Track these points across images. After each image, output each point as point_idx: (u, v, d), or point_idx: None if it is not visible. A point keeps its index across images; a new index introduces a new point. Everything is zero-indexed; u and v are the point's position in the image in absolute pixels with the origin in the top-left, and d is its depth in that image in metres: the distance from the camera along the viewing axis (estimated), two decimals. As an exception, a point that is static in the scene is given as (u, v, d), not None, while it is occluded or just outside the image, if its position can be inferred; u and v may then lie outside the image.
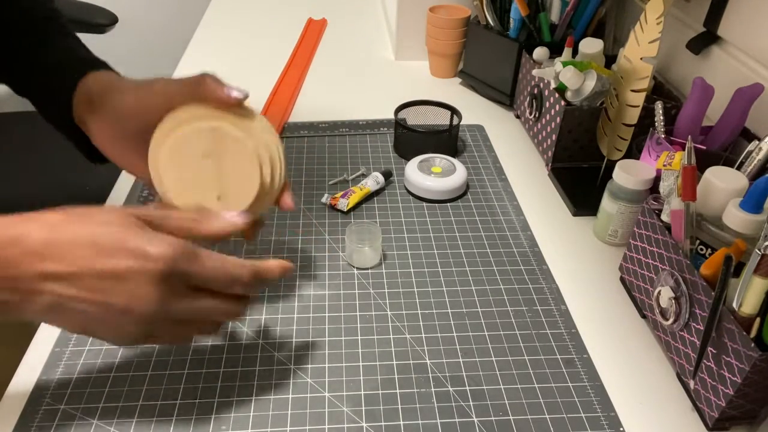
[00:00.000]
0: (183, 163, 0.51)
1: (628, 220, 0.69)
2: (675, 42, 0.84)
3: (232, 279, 0.45)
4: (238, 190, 0.52)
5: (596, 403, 0.54)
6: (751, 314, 0.47)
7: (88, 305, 0.41)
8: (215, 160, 0.51)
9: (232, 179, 0.52)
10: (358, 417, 0.52)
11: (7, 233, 0.40)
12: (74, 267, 0.40)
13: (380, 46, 1.22)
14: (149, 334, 0.44)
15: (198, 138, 0.50)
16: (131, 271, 0.41)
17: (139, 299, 0.41)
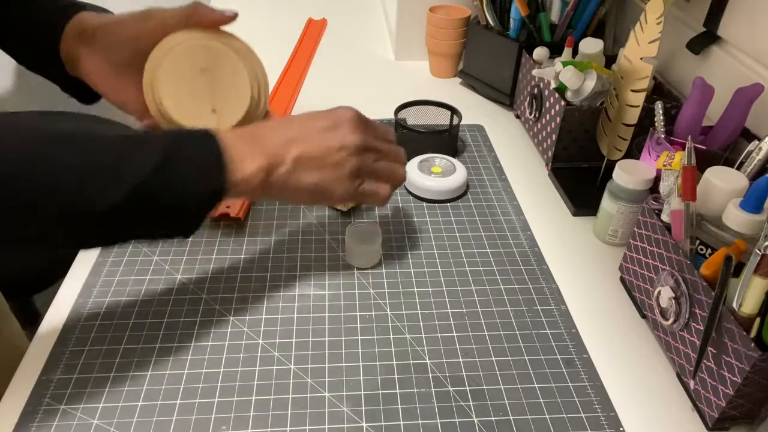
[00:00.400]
0: (180, 78, 0.56)
1: (628, 220, 0.69)
2: (675, 42, 0.84)
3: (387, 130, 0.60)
4: (230, 104, 0.57)
5: (596, 403, 0.54)
6: (751, 314, 0.47)
7: (318, 151, 0.53)
8: (210, 75, 0.57)
9: (226, 93, 0.57)
10: (358, 417, 0.52)
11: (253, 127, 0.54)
12: (304, 130, 0.54)
13: (380, 46, 1.22)
14: (360, 168, 0.55)
15: (195, 54, 0.56)
16: (338, 122, 0.55)
17: (347, 136, 0.54)
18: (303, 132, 0.54)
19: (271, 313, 0.62)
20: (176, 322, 0.60)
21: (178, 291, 0.64)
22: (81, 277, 0.65)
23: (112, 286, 0.64)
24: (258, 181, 0.51)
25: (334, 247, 0.70)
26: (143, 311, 0.61)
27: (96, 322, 0.60)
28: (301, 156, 0.53)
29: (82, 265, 0.67)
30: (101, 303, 0.62)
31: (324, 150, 0.54)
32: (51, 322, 0.60)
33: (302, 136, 0.54)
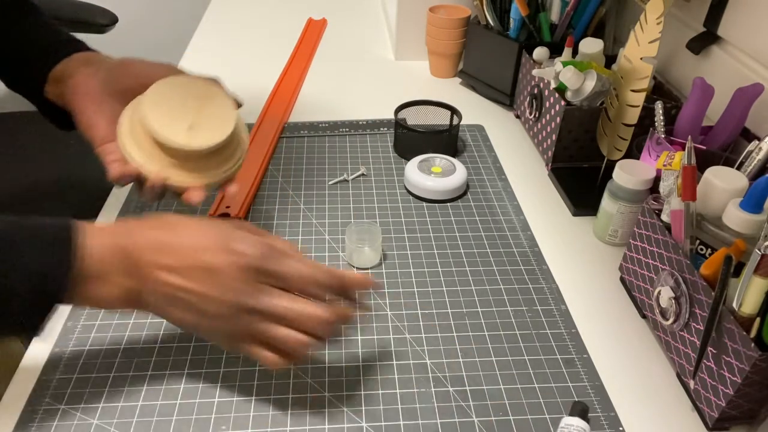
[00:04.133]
0: (170, 96, 0.56)
1: (628, 220, 0.69)
2: (675, 42, 0.84)
3: (310, 277, 0.48)
4: (210, 129, 0.56)
5: (596, 403, 0.54)
6: (751, 314, 0.47)
7: (192, 295, 0.46)
8: (201, 103, 0.57)
9: (209, 120, 0.56)
10: (358, 417, 0.52)
11: (129, 235, 0.47)
12: (185, 261, 0.46)
13: (380, 46, 1.22)
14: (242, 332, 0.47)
15: (192, 84, 0.58)
16: (226, 264, 0.46)
17: (229, 288, 0.46)
18: (185, 261, 0.46)
19: (271, 313, 0.62)
20: (176, 322, 0.60)
21: (178, 291, 0.64)
22: (81, 277, 0.65)
23: (112, 286, 0.64)
24: (117, 302, 0.47)
25: (334, 247, 0.70)
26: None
27: (96, 322, 0.60)
28: (174, 294, 0.46)
29: (82, 265, 0.67)
30: (101, 303, 0.62)
31: (200, 296, 0.46)
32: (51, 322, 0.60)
33: (182, 266, 0.46)
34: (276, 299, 0.47)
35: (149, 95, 0.55)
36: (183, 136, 0.55)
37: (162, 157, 0.55)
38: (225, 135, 0.56)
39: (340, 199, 0.78)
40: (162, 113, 0.55)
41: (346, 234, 0.67)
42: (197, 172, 0.57)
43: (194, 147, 0.55)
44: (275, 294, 0.47)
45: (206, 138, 0.55)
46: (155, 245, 0.46)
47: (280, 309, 0.47)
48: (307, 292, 0.48)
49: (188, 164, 0.56)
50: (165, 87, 0.56)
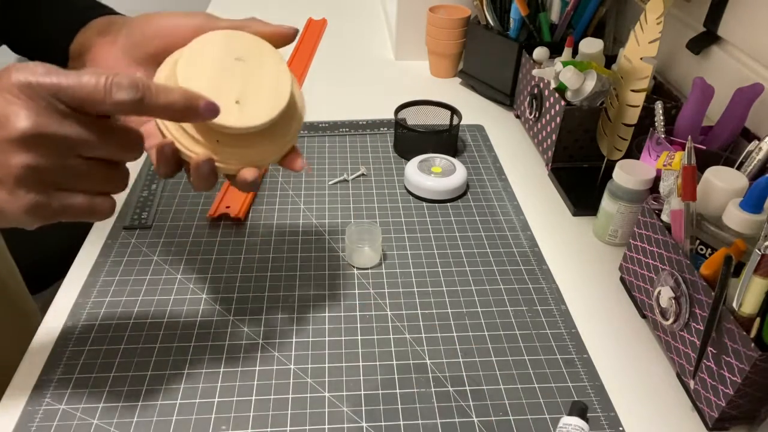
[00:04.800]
0: (211, 58, 0.45)
1: (628, 220, 0.69)
2: (675, 42, 0.84)
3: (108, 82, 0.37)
4: (261, 101, 0.45)
5: (596, 403, 0.54)
6: (751, 314, 0.47)
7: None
8: (247, 65, 0.46)
9: (259, 89, 0.45)
10: (358, 417, 0.52)
11: None
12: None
13: (380, 46, 1.22)
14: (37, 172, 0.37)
15: (234, 40, 0.46)
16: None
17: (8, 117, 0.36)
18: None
19: (271, 313, 0.62)
20: (176, 322, 0.60)
21: (178, 291, 0.64)
22: (81, 277, 0.65)
23: (112, 286, 0.64)
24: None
25: (334, 247, 0.70)
26: (143, 311, 0.61)
27: (96, 322, 0.60)
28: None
29: (82, 265, 0.67)
30: (101, 303, 0.62)
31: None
32: (51, 322, 0.60)
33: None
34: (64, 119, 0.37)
35: (183, 62, 0.44)
36: (230, 113, 0.44)
37: (207, 135, 0.45)
38: (281, 107, 0.46)
39: (340, 199, 0.78)
40: (202, 84, 0.43)
41: (346, 234, 0.67)
42: (249, 148, 0.46)
43: (246, 126, 0.44)
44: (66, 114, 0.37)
45: (259, 113, 0.45)
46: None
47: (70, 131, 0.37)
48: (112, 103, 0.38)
49: (239, 142, 0.46)
50: (201, 48, 0.45)
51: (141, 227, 0.72)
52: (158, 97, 0.39)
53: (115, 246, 0.69)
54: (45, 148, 0.37)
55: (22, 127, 0.36)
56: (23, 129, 0.36)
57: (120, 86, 0.37)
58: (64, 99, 0.37)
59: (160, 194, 0.77)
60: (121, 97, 0.37)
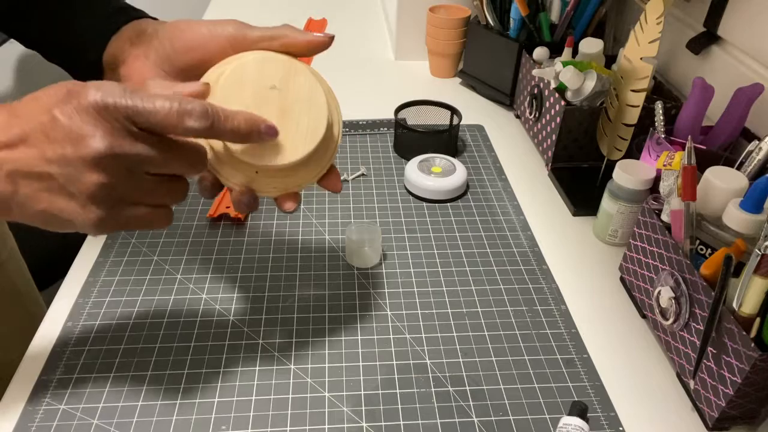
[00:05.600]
0: (244, 89, 0.44)
1: (628, 220, 0.69)
2: (675, 42, 0.84)
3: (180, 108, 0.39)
4: (298, 134, 0.45)
5: (596, 403, 0.54)
6: (751, 314, 0.47)
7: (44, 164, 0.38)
8: (281, 95, 0.45)
9: (296, 121, 0.45)
10: (358, 417, 0.52)
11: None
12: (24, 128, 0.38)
13: (380, 46, 1.22)
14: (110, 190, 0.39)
15: (269, 66, 0.45)
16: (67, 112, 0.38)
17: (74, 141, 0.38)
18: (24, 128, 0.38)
19: (271, 313, 0.62)
20: (176, 322, 0.60)
21: (178, 291, 0.64)
22: (81, 277, 0.65)
23: (112, 286, 0.64)
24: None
25: (334, 247, 0.70)
26: (143, 311, 0.61)
27: (96, 321, 0.60)
28: (18, 171, 0.38)
29: (82, 265, 0.67)
30: (101, 303, 0.62)
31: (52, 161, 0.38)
32: (51, 322, 0.60)
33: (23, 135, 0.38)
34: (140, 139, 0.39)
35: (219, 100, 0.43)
36: (267, 152, 0.44)
37: (246, 168, 0.45)
38: (317, 140, 0.45)
39: (340, 199, 0.78)
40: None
41: (346, 234, 0.67)
42: (289, 177, 0.46)
43: (284, 164, 0.44)
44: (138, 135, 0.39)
45: (296, 148, 0.45)
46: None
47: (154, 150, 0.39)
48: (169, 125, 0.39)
49: (278, 173, 0.46)
50: (234, 82, 0.44)
51: (141, 227, 0.72)
52: (225, 122, 0.40)
53: (115, 246, 0.69)
54: (117, 168, 0.39)
55: (97, 147, 0.37)
56: (99, 150, 0.37)
57: (192, 114, 0.39)
58: (137, 121, 0.38)
59: (160, 194, 0.77)
60: (192, 125, 0.39)
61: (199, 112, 0.39)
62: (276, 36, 0.47)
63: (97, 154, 0.38)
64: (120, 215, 0.41)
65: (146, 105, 0.38)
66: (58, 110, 0.38)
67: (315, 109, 0.46)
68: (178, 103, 0.39)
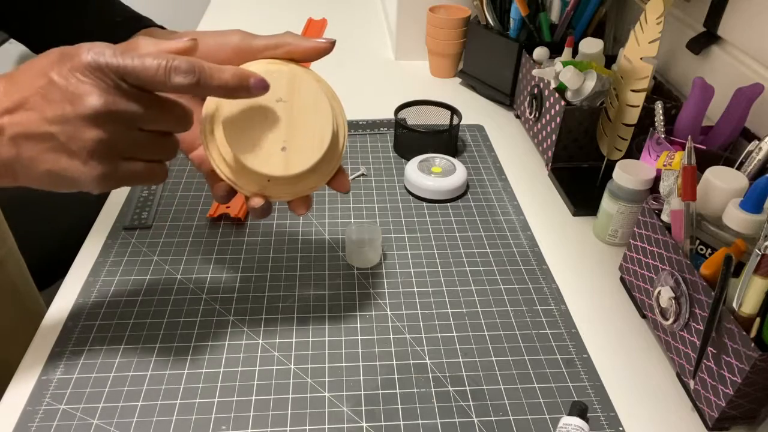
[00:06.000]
0: (250, 109, 0.46)
1: (628, 220, 0.69)
2: (675, 42, 0.84)
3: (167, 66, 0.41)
4: (305, 143, 0.47)
5: (596, 403, 0.54)
6: (751, 314, 0.47)
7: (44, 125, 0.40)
8: (287, 107, 0.47)
9: (302, 131, 0.47)
10: (358, 417, 0.52)
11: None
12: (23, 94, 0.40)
13: (380, 46, 1.22)
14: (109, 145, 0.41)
15: (275, 79, 0.46)
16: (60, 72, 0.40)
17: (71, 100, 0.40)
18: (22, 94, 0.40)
19: (271, 313, 0.62)
20: (176, 322, 0.60)
21: (178, 291, 0.64)
22: (81, 277, 0.65)
23: (112, 286, 0.64)
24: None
25: (334, 247, 0.70)
26: (143, 311, 0.61)
27: (96, 322, 0.60)
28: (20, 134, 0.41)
29: (82, 265, 0.67)
30: (101, 303, 0.62)
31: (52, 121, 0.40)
32: (51, 321, 0.60)
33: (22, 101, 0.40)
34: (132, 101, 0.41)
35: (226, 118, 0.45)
36: (276, 162, 0.46)
37: (258, 177, 0.47)
38: (326, 143, 0.47)
39: (340, 199, 0.78)
40: (246, 135, 0.45)
41: (346, 234, 0.67)
42: (299, 184, 0.48)
43: (293, 173, 0.46)
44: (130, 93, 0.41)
45: (304, 157, 0.46)
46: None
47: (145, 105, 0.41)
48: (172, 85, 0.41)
49: (288, 180, 0.48)
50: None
51: (141, 227, 0.72)
52: (212, 78, 0.42)
53: (115, 246, 0.69)
54: (113, 124, 0.41)
55: (94, 105, 0.40)
56: (95, 107, 0.40)
57: (178, 70, 0.41)
58: (128, 79, 0.41)
59: (160, 194, 0.77)
60: (179, 80, 0.41)
61: (185, 68, 0.41)
62: (279, 44, 0.49)
63: (93, 111, 0.40)
64: (119, 170, 0.43)
65: (135, 63, 0.40)
66: (55, 73, 0.40)
67: (320, 116, 0.48)
68: (165, 61, 0.40)
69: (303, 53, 0.49)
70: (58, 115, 0.40)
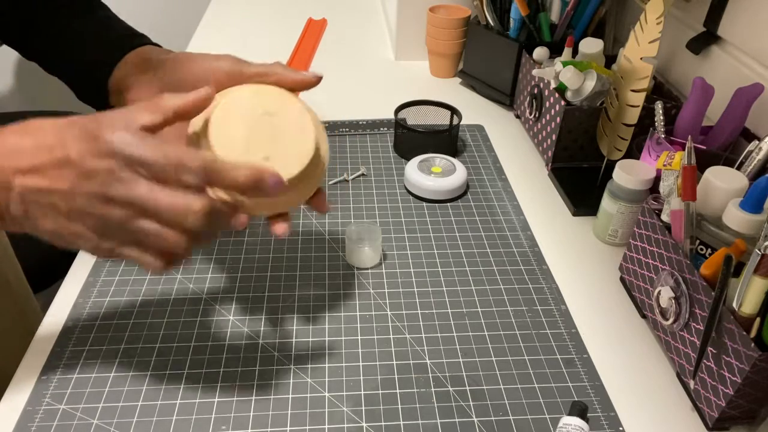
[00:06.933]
0: (238, 117, 0.48)
1: (628, 220, 0.69)
2: (675, 42, 0.84)
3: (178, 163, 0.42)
4: (288, 156, 0.48)
5: (596, 403, 0.54)
6: (751, 314, 0.47)
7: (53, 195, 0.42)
8: (274, 119, 0.48)
9: (285, 144, 0.48)
10: (358, 417, 0.52)
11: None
12: (42, 159, 0.42)
13: (380, 46, 1.22)
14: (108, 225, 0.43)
15: (263, 95, 0.49)
16: (80, 153, 0.42)
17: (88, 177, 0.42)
18: (41, 159, 0.42)
19: (271, 313, 0.62)
20: (176, 322, 0.60)
21: (178, 291, 0.64)
22: (81, 277, 0.65)
23: (112, 286, 0.64)
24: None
25: (334, 247, 0.70)
26: (143, 311, 0.61)
27: (96, 322, 0.60)
28: (35, 198, 0.42)
29: (82, 265, 0.67)
30: (101, 303, 0.62)
31: (61, 193, 0.42)
32: (51, 322, 0.60)
33: (40, 165, 0.42)
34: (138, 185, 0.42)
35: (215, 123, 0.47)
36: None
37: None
38: (308, 158, 0.48)
39: (340, 199, 0.78)
40: (233, 146, 0.46)
41: (346, 234, 0.67)
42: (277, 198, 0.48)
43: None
44: (140, 182, 0.42)
45: (285, 169, 0.47)
46: (13, 149, 0.43)
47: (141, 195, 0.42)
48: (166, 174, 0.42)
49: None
50: (230, 106, 0.48)
51: (141, 227, 0.72)
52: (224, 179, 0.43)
53: (115, 246, 0.69)
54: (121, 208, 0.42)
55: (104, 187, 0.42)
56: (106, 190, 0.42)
57: (188, 171, 0.42)
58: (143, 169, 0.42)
59: (160, 194, 0.77)
60: (187, 180, 0.42)
61: (196, 168, 0.42)
62: (269, 73, 0.52)
63: (103, 193, 0.42)
64: (117, 250, 0.44)
65: (155, 157, 0.42)
66: (74, 150, 0.42)
67: (304, 134, 0.49)
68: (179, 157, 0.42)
69: (289, 84, 0.52)
70: (65, 189, 0.42)
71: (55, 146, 0.42)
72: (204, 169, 0.42)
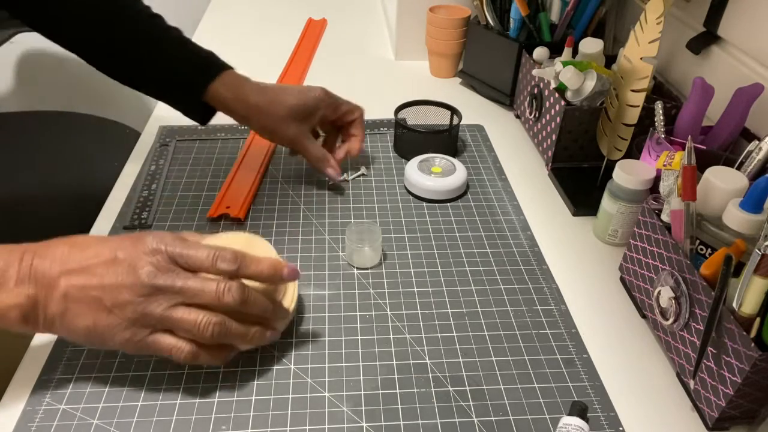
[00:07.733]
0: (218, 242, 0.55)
1: (628, 220, 0.69)
2: (675, 42, 0.84)
3: (215, 255, 0.49)
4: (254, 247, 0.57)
5: (596, 403, 0.54)
6: (751, 314, 0.47)
7: (94, 290, 0.47)
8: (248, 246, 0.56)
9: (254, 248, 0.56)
10: (358, 417, 0.52)
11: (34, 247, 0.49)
12: (89, 262, 0.48)
13: (380, 46, 1.22)
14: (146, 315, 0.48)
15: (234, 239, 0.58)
16: (127, 254, 0.48)
17: (129, 273, 0.47)
18: (89, 262, 0.47)
19: (271, 313, 0.62)
20: (176, 322, 0.60)
21: (178, 291, 0.64)
22: (81, 277, 0.65)
23: (112, 286, 0.64)
24: (13, 311, 0.46)
25: (334, 247, 0.70)
26: (143, 311, 0.61)
27: (96, 322, 0.60)
28: (77, 294, 0.47)
29: (82, 265, 0.67)
30: (101, 303, 0.62)
31: (101, 287, 0.47)
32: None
33: (87, 266, 0.47)
34: (181, 274, 0.48)
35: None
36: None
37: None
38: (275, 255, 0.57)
39: (340, 199, 0.78)
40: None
41: (346, 234, 0.67)
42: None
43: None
44: (183, 272, 0.49)
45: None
46: (61, 256, 0.48)
47: (185, 282, 0.48)
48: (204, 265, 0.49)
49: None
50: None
51: (141, 227, 0.72)
52: (249, 267, 0.51)
53: (115, 246, 0.69)
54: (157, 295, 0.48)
55: (146, 276, 0.47)
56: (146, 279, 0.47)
57: (224, 259, 0.49)
58: (180, 261, 0.49)
59: (160, 194, 0.77)
60: (223, 267, 0.49)
61: (230, 258, 0.50)
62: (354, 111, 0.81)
63: (144, 282, 0.47)
64: (149, 338, 0.49)
65: (190, 252, 0.49)
66: (121, 251, 0.48)
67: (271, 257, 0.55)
68: (214, 252, 0.49)
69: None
70: (113, 283, 0.47)
71: (102, 252, 0.48)
72: (236, 258, 0.50)
